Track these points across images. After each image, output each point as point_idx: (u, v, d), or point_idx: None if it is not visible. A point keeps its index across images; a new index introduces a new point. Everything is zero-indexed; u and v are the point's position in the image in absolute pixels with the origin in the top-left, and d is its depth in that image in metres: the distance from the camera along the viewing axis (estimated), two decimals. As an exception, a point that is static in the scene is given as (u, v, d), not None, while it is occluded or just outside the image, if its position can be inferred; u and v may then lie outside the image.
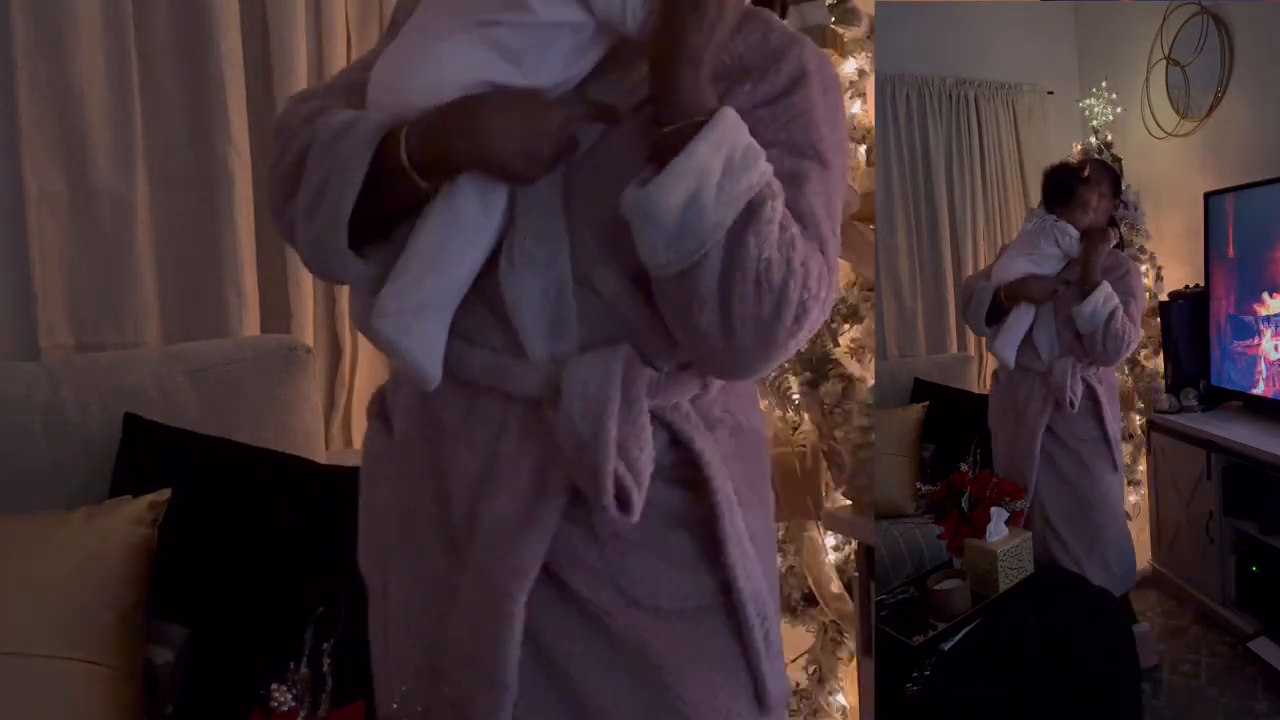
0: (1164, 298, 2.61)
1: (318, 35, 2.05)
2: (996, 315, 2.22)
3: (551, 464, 0.98)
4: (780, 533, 2.21)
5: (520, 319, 0.99)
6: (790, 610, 2.22)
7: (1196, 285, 2.59)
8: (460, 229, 0.96)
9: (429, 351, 0.97)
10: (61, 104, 1.86)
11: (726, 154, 0.90)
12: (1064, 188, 2.22)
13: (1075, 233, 2.21)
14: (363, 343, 2.18)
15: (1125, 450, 2.46)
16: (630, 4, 0.94)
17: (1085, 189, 2.22)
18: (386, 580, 1.07)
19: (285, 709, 0.93)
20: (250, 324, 1.99)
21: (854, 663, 2.11)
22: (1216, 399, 2.51)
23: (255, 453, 1.68)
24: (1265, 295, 2.30)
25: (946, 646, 1.74)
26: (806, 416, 2.20)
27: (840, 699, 2.15)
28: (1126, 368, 2.55)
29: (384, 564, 1.08)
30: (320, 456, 1.83)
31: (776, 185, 0.93)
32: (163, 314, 1.98)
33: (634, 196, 0.90)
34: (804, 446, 2.21)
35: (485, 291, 0.99)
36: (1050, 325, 2.22)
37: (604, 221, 0.96)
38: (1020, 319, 2.18)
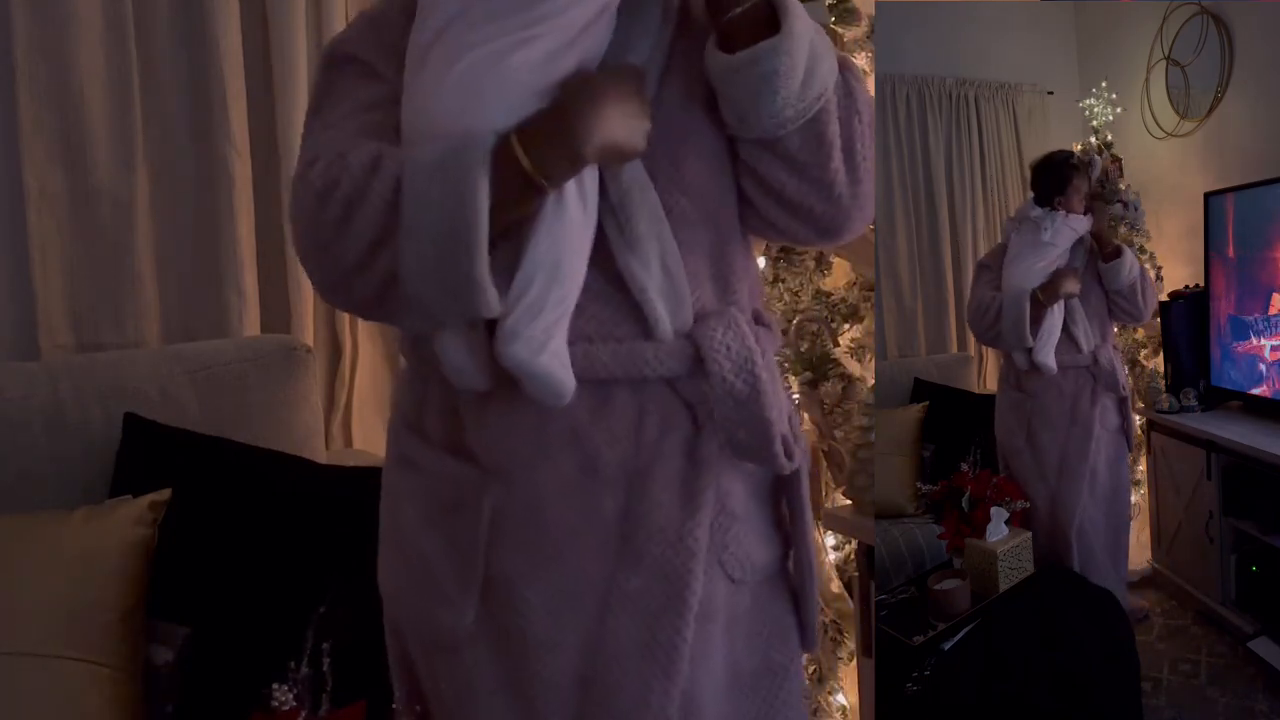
0: (1164, 298, 2.61)
1: (318, 35, 2.05)
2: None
3: (700, 438, 1.01)
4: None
5: (648, 300, 0.98)
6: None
7: (1196, 285, 2.59)
8: (573, 230, 0.94)
9: (564, 364, 0.94)
10: (61, 104, 1.86)
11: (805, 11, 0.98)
12: (1062, 177, 2.23)
13: (1083, 220, 2.22)
14: (363, 343, 2.18)
15: (1125, 449, 2.46)
16: None
17: (1078, 175, 2.25)
18: (505, 610, 0.99)
19: (286, 708, 0.93)
20: (250, 324, 1.99)
21: (854, 663, 2.10)
22: (1216, 399, 2.51)
23: (255, 453, 1.68)
24: (1274, 297, 2.30)
25: (946, 646, 1.74)
26: (807, 416, 2.20)
27: (840, 699, 2.15)
28: (1126, 367, 2.56)
29: (502, 595, 1.00)
30: (320, 456, 1.83)
31: None
32: (163, 314, 1.97)
33: (769, 57, 0.95)
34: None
35: (599, 284, 0.98)
36: (1083, 315, 2.23)
37: (686, 175, 1.01)
38: (1054, 319, 2.17)
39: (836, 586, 2.19)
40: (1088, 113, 2.80)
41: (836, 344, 2.22)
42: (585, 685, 0.98)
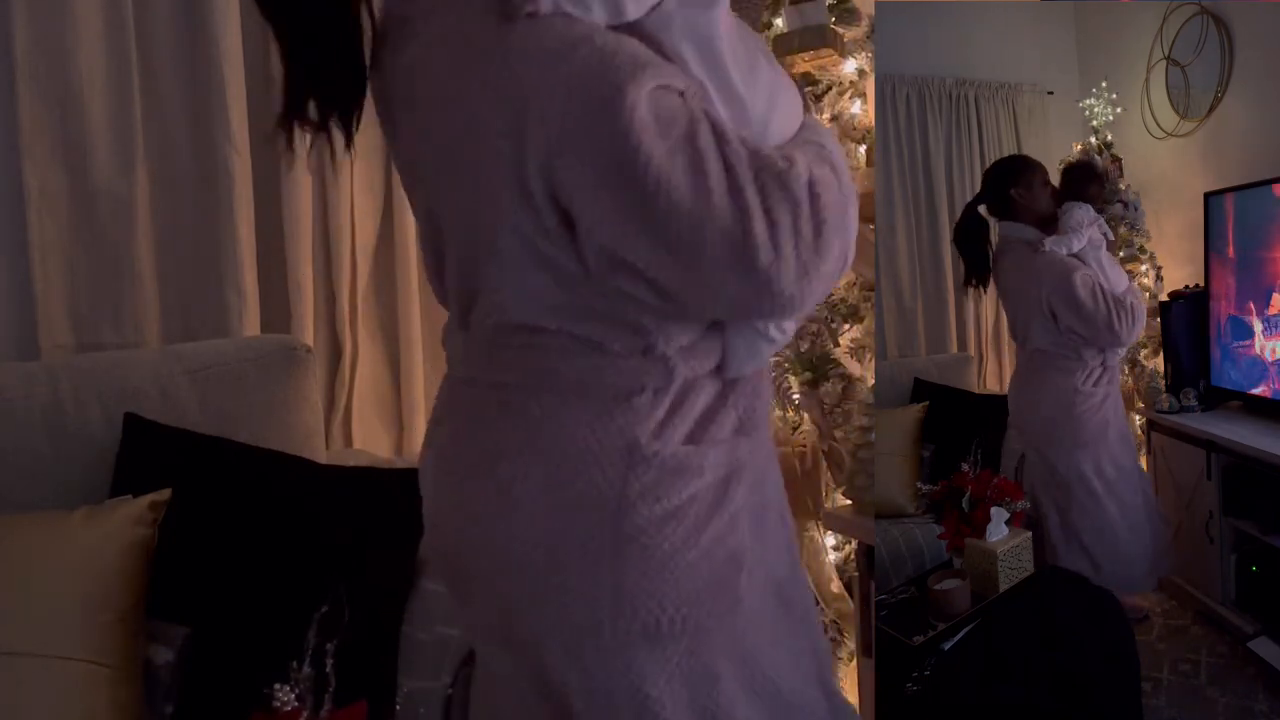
0: (1164, 298, 2.61)
1: (318, 35, 2.05)
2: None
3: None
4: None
5: None
6: (790, 610, 2.22)
7: (1196, 285, 2.59)
8: None
9: None
10: (61, 104, 1.86)
11: None
12: (1102, 180, 2.41)
13: None
14: (363, 342, 2.18)
15: (1126, 450, 2.48)
16: None
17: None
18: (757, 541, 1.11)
19: (288, 709, 0.93)
20: (250, 324, 1.99)
21: (854, 663, 2.10)
22: (1216, 399, 2.51)
23: (255, 453, 1.68)
24: (1274, 297, 2.30)
25: (946, 646, 1.74)
26: (806, 416, 2.20)
27: (840, 699, 2.15)
28: (1126, 367, 2.58)
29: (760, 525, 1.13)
30: (320, 456, 1.83)
31: None
32: (163, 314, 1.98)
33: None
34: (804, 446, 2.21)
35: None
36: None
37: None
38: None
39: (836, 586, 2.19)
40: (1088, 113, 2.80)
41: (836, 344, 2.22)
42: (774, 586, 1.13)
